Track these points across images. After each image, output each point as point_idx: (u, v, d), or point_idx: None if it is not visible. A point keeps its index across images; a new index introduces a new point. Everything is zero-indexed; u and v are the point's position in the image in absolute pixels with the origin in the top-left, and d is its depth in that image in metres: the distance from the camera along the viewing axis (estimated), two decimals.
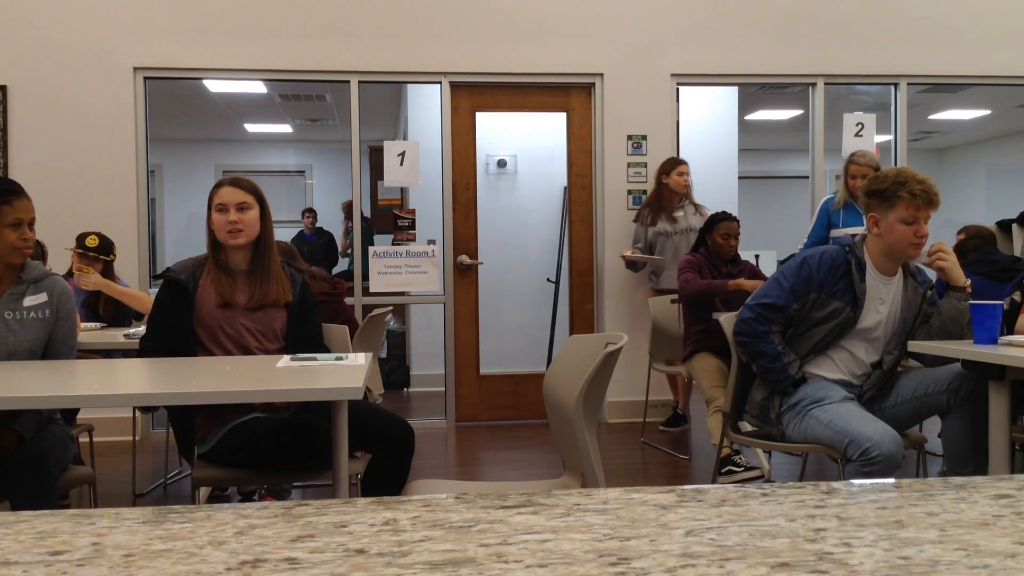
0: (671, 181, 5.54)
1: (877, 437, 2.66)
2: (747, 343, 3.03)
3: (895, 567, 0.68)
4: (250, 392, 2.29)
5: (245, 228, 2.83)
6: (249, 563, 0.69)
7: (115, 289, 4.11)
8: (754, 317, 3.00)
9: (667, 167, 5.59)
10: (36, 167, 5.39)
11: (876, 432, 2.68)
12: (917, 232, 2.89)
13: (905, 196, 2.87)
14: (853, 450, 2.70)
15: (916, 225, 2.88)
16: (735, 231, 4.69)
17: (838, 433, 2.78)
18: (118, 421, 4.92)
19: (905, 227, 2.89)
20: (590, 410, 1.97)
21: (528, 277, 7.04)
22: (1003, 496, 0.88)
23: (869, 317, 3.00)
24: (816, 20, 6.06)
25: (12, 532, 0.78)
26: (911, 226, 2.89)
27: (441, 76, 5.84)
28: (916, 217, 2.87)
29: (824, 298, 2.96)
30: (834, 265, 2.97)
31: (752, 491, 0.90)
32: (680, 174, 5.55)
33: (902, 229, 2.90)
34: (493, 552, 0.72)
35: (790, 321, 3.04)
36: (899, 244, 2.92)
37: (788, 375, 2.99)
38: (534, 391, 5.99)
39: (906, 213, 2.88)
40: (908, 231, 2.89)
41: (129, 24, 5.52)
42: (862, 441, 2.68)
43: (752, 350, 3.03)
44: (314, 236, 9.15)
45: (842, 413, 2.83)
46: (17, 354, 2.67)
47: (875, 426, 2.73)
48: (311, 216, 9.27)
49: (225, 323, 2.81)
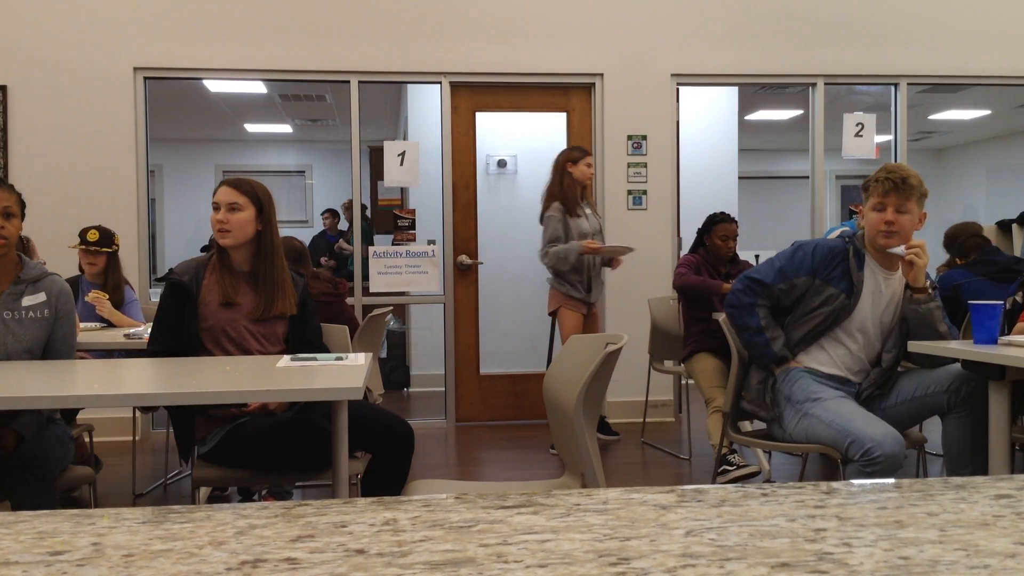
0: (577, 171, 4.99)
1: (879, 437, 2.66)
2: (732, 314, 3.12)
3: (895, 567, 0.68)
4: (250, 392, 2.29)
5: (233, 229, 2.81)
6: (249, 563, 0.69)
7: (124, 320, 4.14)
8: (741, 288, 3.09)
9: (575, 156, 5.03)
10: (36, 167, 5.40)
11: (878, 432, 2.68)
12: (884, 219, 2.95)
13: (873, 184, 2.98)
14: (855, 450, 2.70)
15: (884, 212, 2.95)
16: (733, 232, 4.68)
17: (840, 432, 2.77)
18: (118, 421, 4.92)
19: (875, 214, 2.98)
20: (590, 410, 1.97)
21: (528, 277, 7.03)
22: (1003, 496, 0.88)
23: (864, 308, 3.03)
24: (816, 20, 6.05)
25: (12, 532, 0.78)
26: (880, 213, 2.97)
27: (441, 76, 5.84)
28: (884, 204, 2.95)
29: (820, 284, 3.02)
30: (832, 254, 3.04)
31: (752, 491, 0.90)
32: (588, 165, 5.02)
33: (872, 216, 2.99)
34: (493, 552, 0.72)
35: (777, 301, 3.09)
36: (871, 232, 3.01)
37: (770, 351, 3.04)
38: (534, 391, 5.99)
39: (876, 200, 2.97)
40: (877, 218, 2.97)
41: (129, 24, 5.52)
42: (864, 441, 2.67)
43: (736, 321, 3.11)
44: (335, 237, 9.16)
45: (844, 412, 2.83)
46: (16, 354, 2.67)
47: (877, 426, 2.73)
48: (331, 216, 9.29)
49: (228, 326, 2.81)
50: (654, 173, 5.94)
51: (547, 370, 2.31)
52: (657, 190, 5.94)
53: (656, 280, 5.75)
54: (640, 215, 5.93)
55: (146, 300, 5.17)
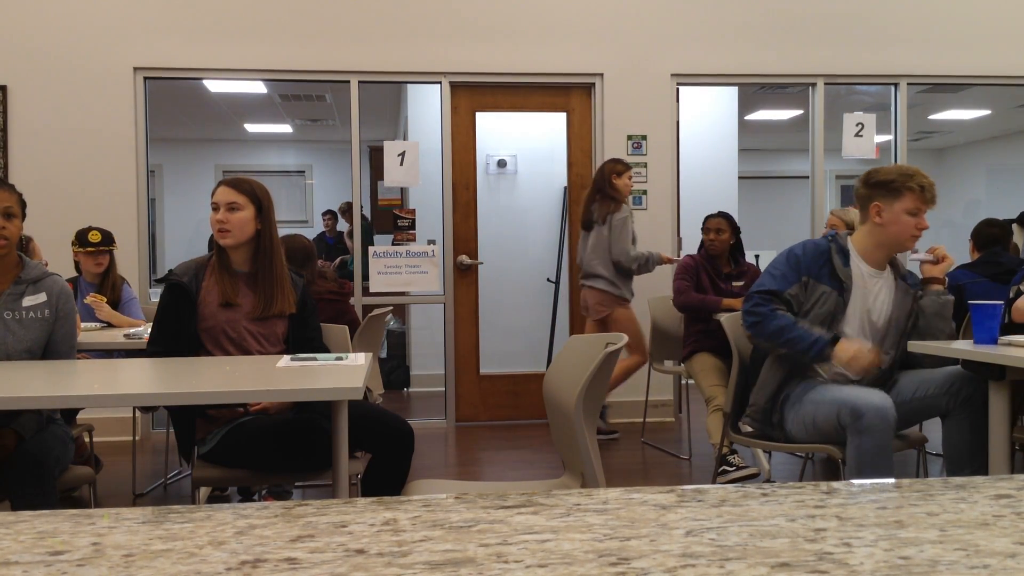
0: (620, 183, 5.12)
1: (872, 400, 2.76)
2: (758, 324, 2.98)
3: (895, 567, 0.68)
4: (250, 392, 2.29)
5: (232, 229, 2.81)
6: (249, 563, 0.69)
7: (124, 321, 4.13)
8: (753, 304, 3.01)
9: (619, 168, 5.15)
10: (36, 167, 5.39)
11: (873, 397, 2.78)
12: (919, 224, 2.99)
13: (915, 188, 2.97)
14: (846, 415, 2.77)
15: (918, 218, 2.99)
16: (715, 226, 4.73)
17: (832, 403, 2.84)
18: (118, 421, 4.92)
19: (910, 218, 2.99)
20: (590, 410, 1.97)
21: (528, 277, 7.04)
22: (1003, 496, 0.88)
23: (856, 305, 3.03)
24: (816, 20, 6.05)
25: (12, 532, 0.78)
26: (915, 217, 2.99)
27: (441, 76, 5.84)
28: (920, 209, 2.99)
29: (812, 283, 3.02)
30: (818, 252, 3.06)
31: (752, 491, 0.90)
32: (630, 178, 5.19)
33: (906, 220, 2.99)
34: (493, 552, 0.72)
35: (789, 308, 3.02)
36: (901, 234, 3.00)
37: (817, 336, 2.90)
38: (534, 391, 5.99)
39: (912, 205, 2.98)
40: (912, 222, 2.99)
41: (129, 24, 5.52)
42: (856, 405, 2.75)
43: (767, 330, 2.96)
44: (334, 239, 9.15)
45: (836, 389, 2.92)
46: (16, 354, 2.67)
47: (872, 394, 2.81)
48: (331, 218, 9.27)
49: (228, 326, 2.81)
50: (654, 173, 5.94)
51: (547, 370, 2.31)
52: (657, 190, 5.94)
53: (656, 280, 5.75)
54: (640, 215, 5.92)
55: (146, 300, 5.17)
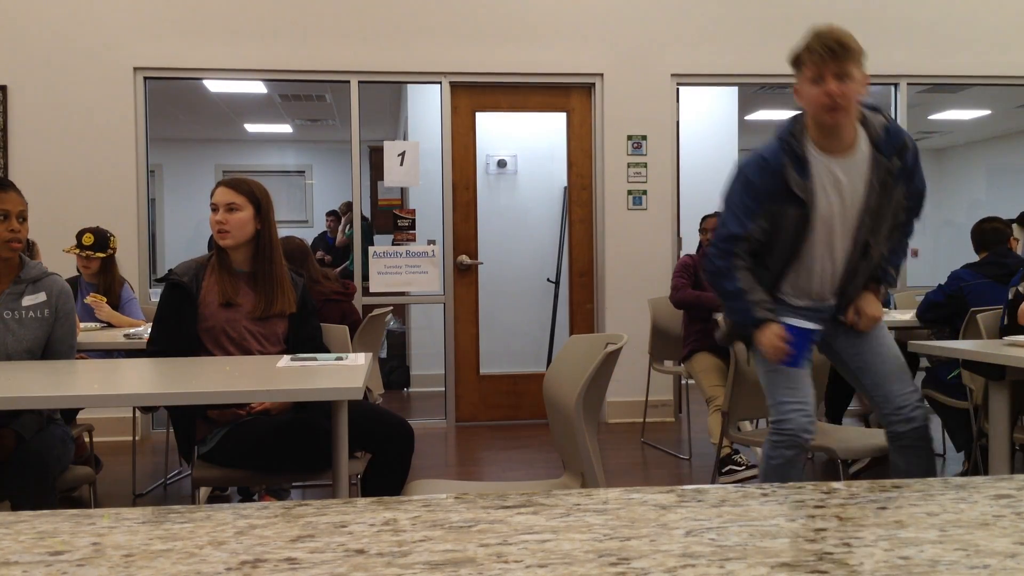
0: None
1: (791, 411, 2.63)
2: (711, 281, 2.79)
3: (895, 567, 0.68)
4: (250, 392, 2.29)
5: (232, 229, 2.81)
6: (249, 563, 0.69)
7: (123, 321, 4.14)
8: (716, 253, 2.72)
9: None
10: (36, 167, 5.39)
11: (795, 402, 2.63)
12: (826, 91, 2.53)
13: (804, 55, 2.61)
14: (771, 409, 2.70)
15: (824, 83, 2.54)
16: (712, 226, 4.74)
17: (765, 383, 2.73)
18: (118, 421, 4.91)
19: (813, 88, 2.56)
20: (590, 410, 1.97)
21: (528, 277, 7.04)
22: (1003, 496, 0.88)
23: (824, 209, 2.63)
24: (816, 20, 6.01)
25: (12, 532, 0.78)
26: (818, 85, 2.55)
27: (441, 76, 5.84)
28: (822, 73, 2.54)
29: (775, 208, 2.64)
30: (770, 169, 2.63)
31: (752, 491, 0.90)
32: None
33: (810, 92, 2.57)
34: (493, 552, 0.72)
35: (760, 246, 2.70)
36: (813, 110, 2.58)
37: (750, 316, 2.66)
38: (534, 391, 5.99)
39: (811, 72, 2.57)
40: (817, 92, 2.55)
41: (129, 24, 5.52)
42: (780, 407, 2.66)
43: (715, 287, 2.77)
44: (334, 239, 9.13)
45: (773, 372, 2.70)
46: (16, 354, 2.67)
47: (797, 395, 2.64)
48: (334, 219, 9.24)
49: (228, 326, 2.81)
50: (654, 173, 5.94)
51: (547, 370, 2.31)
52: (657, 190, 5.94)
53: (656, 280, 5.75)
54: (640, 215, 5.93)
55: (146, 300, 5.17)
